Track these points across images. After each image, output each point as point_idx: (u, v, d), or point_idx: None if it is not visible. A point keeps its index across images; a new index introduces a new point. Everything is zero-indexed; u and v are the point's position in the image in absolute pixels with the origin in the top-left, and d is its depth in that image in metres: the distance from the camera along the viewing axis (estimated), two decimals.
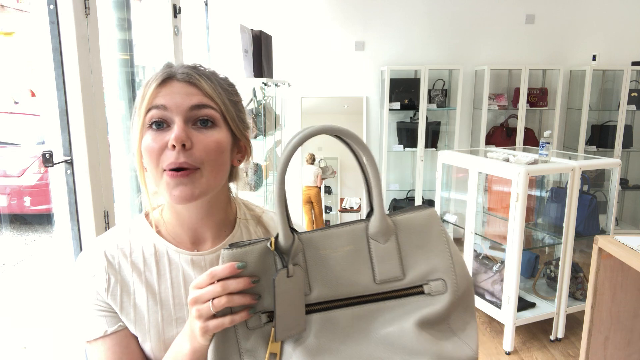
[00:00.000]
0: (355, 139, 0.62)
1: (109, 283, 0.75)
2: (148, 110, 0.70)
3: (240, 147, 0.78)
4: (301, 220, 4.18)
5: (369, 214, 0.66)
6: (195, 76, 0.71)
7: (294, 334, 0.61)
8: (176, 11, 2.15)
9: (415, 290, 0.64)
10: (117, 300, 0.75)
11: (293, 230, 0.62)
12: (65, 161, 1.44)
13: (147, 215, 0.81)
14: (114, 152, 1.63)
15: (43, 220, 3.77)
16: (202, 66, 0.75)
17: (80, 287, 0.76)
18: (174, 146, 0.67)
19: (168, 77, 0.70)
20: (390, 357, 0.61)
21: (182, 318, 0.76)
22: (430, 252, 0.65)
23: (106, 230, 1.53)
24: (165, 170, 0.69)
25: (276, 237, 0.61)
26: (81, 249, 1.50)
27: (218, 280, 0.60)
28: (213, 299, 0.60)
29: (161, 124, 0.69)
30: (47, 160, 1.36)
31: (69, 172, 1.45)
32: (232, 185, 0.83)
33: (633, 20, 4.23)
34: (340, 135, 0.62)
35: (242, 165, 0.82)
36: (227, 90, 0.75)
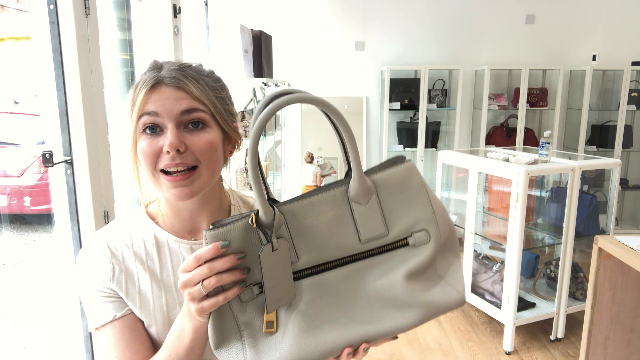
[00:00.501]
0: (321, 103, 0.61)
1: (113, 272, 0.78)
2: (140, 117, 0.72)
3: (230, 139, 0.81)
4: None
5: (347, 172, 0.67)
6: (183, 80, 0.73)
7: (284, 302, 0.63)
8: (176, 11, 2.15)
9: (400, 244, 0.65)
10: (123, 287, 0.78)
11: (273, 203, 0.63)
12: (65, 161, 1.44)
13: (145, 208, 0.86)
14: (114, 152, 1.63)
15: (43, 220, 3.77)
16: (187, 66, 0.77)
17: (85, 278, 0.79)
18: (169, 152, 0.70)
19: (156, 83, 0.73)
20: (382, 313, 0.63)
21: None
22: (411, 204, 0.66)
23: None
24: (162, 171, 0.72)
25: (257, 213, 0.61)
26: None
27: (204, 262, 0.61)
28: (202, 280, 0.61)
29: (154, 129, 0.72)
30: (47, 160, 1.37)
31: (69, 172, 1.45)
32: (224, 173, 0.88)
33: (633, 20, 4.23)
34: (304, 102, 0.61)
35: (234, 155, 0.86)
36: (214, 87, 0.77)
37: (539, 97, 4.15)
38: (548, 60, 4.23)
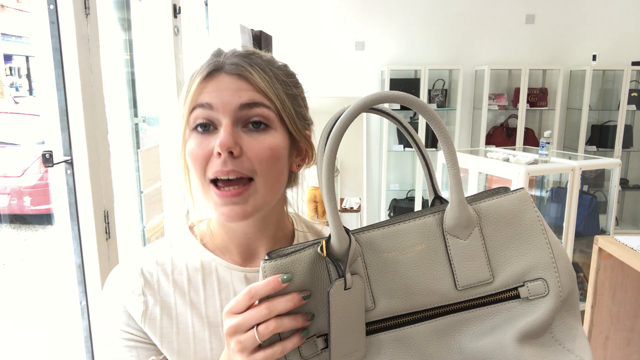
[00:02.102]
0: (423, 108, 0.50)
1: (146, 305, 0.63)
2: (192, 110, 0.60)
3: (299, 150, 0.66)
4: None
5: (434, 202, 0.56)
6: (246, 68, 0.60)
7: None
8: (176, 11, 2.15)
9: (509, 295, 0.51)
10: (157, 326, 0.63)
11: (347, 230, 0.50)
12: (65, 161, 1.44)
13: (191, 228, 0.71)
14: (114, 152, 1.63)
15: (43, 220, 3.77)
16: (256, 53, 0.64)
17: (108, 311, 0.64)
18: (220, 153, 0.57)
19: (215, 69, 0.60)
20: None
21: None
22: (524, 245, 0.51)
23: (106, 230, 1.53)
24: (212, 182, 0.59)
25: (327, 240, 0.49)
26: (81, 249, 1.50)
27: (260, 301, 0.49)
28: (257, 325, 0.48)
29: (207, 126, 0.60)
30: (47, 160, 1.37)
31: (69, 172, 1.45)
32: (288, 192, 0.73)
33: (633, 20, 4.23)
34: (405, 105, 0.50)
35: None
36: (285, 82, 0.63)
37: (539, 97, 4.15)
38: (548, 60, 4.23)
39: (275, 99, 0.60)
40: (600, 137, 4.24)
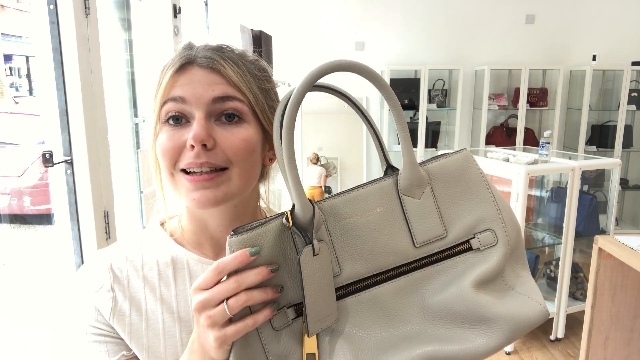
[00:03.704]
0: (372, 75, 0.52)
1: (115, 301, 0.62)
2: (164, 103, 0.59)
3: (272, 144, 0.65)
4: None
5: (386, 170, 0.57)
6: (219, 61, 0.59)
7: (327, 324, 0.50)
8: (176, 11, 2.15)
9: (462, 247, 0.54)
10: (126, 322, 0.62)
11: (310, 200, 0.51)
12: (65, 161, 1.44)
13: (162, 224, 0.70)
14: (114, 152, 1.63)
15: (43, 220, 3.77)
16: (228, 47, 0.64)
17: (77, 307, 0.63)
18: (193, 146, 0.57)
19: (187, 62, 0.60)
20: (452, 332, 0.51)
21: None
22: (471, 200, 0.55)
23: (106, 230, 1.53)
24: (183, 170, 0.59)
25: (292, 210, 0.50)
26: (81, 249, 1.50)
27: (229, 275, 0.48)
28: (227, 299, 0.48)
29: (179, 119, 0.59)
30: (47, 160, 1.37)
31: (69, 172, 1.45)
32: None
33: (633, 20, 4.23)
34: (353, 71, 0.51)
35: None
36: (257, 76, 0.63)
37: (539, 97, 4.15)
38: (548, 60, 4.23)
39: (248, 93, 0.60)
40: (600, 137, 4.24)
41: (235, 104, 0.59)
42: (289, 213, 0.49)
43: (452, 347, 0.50)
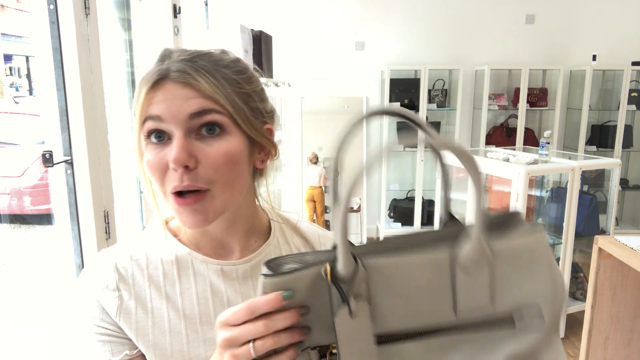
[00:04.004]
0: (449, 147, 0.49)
1: (120, 300, 0.63)
2: (144, 122, 0.59)
3: (261, 146, 0.65)
4: (302, 217, 4.17)
5: (447, 223, 0.55)
6: (191, 74, 0.58)
7: None
8: (176, 11, 2.15)
9: (504, 322, 0.51)
10: (132, 320, 0.62)
11: (354, 254, 0.48)
12: (65, 161, 1.44)
13: (166, 223, 0.70)
14: (114, 152, 1.63)
15: (43, 220, 3.77)
16: (202, 54, 0.61)
17: (82, 306, 0.64)
18: (175, 169, 0.57)
19: (160, 78, 0.58)
20: None
21: (212, 340, 0.63)
22: (528, 276, 0.51)
23: (106, 230, 1.53)
24: (171, 193, 0.59)
25: (332, 263, 0.47)
26: (81, 249, 1.50)
27: (259, 316, 0.47)
28: (254, 340, 0.47)
29: (161, 136, 0.59)
30: (47, 160, 1.36)
31: (69, 172, 1.45)
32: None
33: (633, 20, 4.23)
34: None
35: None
36: (235, 80, 0.61)
37: (539, 97, 4.15)
38: (548, 60, 4.23)
39: (225, 103, 0.59)
40: (600, 137, 4.24)
41: (213, 116, 0.58)
42: (328, 267, 0.47)
43: None
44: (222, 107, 0.59)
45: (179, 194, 0.58)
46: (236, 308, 0.48)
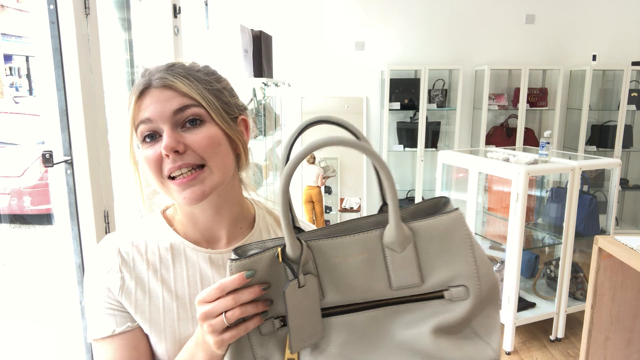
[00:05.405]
0: (362, 148, 0.57)
1: (123, 281, 0.73)
2: (137, 127, 0.71)
3: (235, 136, 0.75)
4: (302, 219, 4.17)
5: (382, 207, 0.64)
6: (169, 79, 0.70)
7: (311, 343, 0.59)
8: (176, 11, 2.15)
9: (434, 295, 0.60)
10: (132, 298, 0.73)
11: (298, 233, 0.61)
12: (65, 161, 1.44)
13: (163, 213, 0.81)
14: (114, 152, 1.63)
15: (43, 220, 3.77)
16: (176, 64, 0.74)
17: (91, 284, 0.75)
18: (167, 155, 0.68)
19: (145, 88, 0.71)
20: None
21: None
22: (452, 257, 0.60)
23: (106, 230, 1.53)
24: (169, 177, 0.70)
25: (283, 248, 0.58)
26: (81, 249, 1.50)
27: (228, 293, 0.58)
28: (225, 311, 0.58)
29: (153, 136, 0.70)
30: (47, 160, 1.37)
31: (69, 172, 1.45)
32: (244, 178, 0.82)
33: (633, 20, 4.23)
34: (342, 145, 0.58)
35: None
36: (206, 81, 0.73)
37: (539, 97, 4.15)
38: (548, 60, 4.23)
39: (199, 98, 0.70)
40: (600, 137, 4.24)
41: (193, 110, 0.70)
42: (279, 250, 0.58)
43: None
44: (197, 102, 0.70)
45: (175, 178, 0.69)
46: (210, 288, 0.59)
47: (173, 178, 0.69)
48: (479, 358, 0.59)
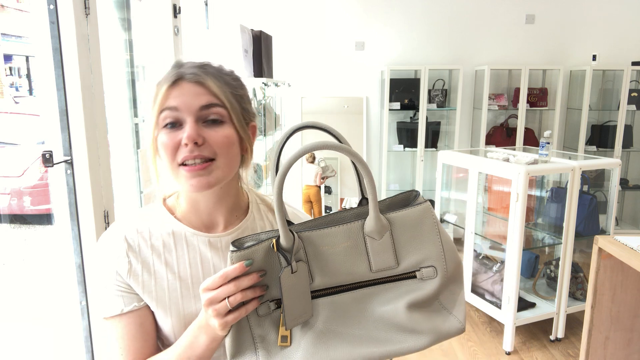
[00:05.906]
0: (343, 150, 0.67)
1: (130, 265, 0.80)
2: (161, 112, 0.76)
3: (247, 139, 0.83)
4: None
5: (361, 201, 0.74)
6: (202, 76, 0.76)
7: (302, 321, 0.69)
8: (176, 11, 2.15)
9: (407, 276, 0.71)
10: (139, 280, 0.80)
11: (289, 225, 0.69)
12: (65, 161, 1.44)
13: (164, 202, 0.88)
14: (114, 152, 1.63)
15: (43, 220, 3.77)
16: (209, 64, 0.80)
17: (100, 268, 0.81)
18: (187, 144, 0.73)
19: (178, 79, 0.76)
20: (388, 335, 0.69)
21: (199, 296, 0.80)
22: (422, 242, 0.71)
23: (106, 230, 1.53)
24: (181, 164, 0.75)
25: (277, 239, 0.67)
26: (81, 249, 1.50)
27: (230, 280, 0.66)
28: (228, 297, 0.66)
29: (175, 124, 0.76)
30: (47, 160, 1.37)
31: (69, 172, 1.45)
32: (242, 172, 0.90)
33: (633, 20, 4.23)
34: (327, 149, 0.68)
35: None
36: (233, 85, 0.80)
37: (539, 97, 4.15)
38: (548, 60, 4.23)
39: (225, 100, 0.77)
40: (600, 137, 4.24)
41: (218, 109, 0.76)
42: (274, 241, 0.67)
43: (385, 348, 0.68)
44: (222, 103, 0.77)
45: (186, 165, 0.75)
46: (213, 277, 0.67)
47: (184, 165, 0.75)
48: (447, 327, 0.71)
